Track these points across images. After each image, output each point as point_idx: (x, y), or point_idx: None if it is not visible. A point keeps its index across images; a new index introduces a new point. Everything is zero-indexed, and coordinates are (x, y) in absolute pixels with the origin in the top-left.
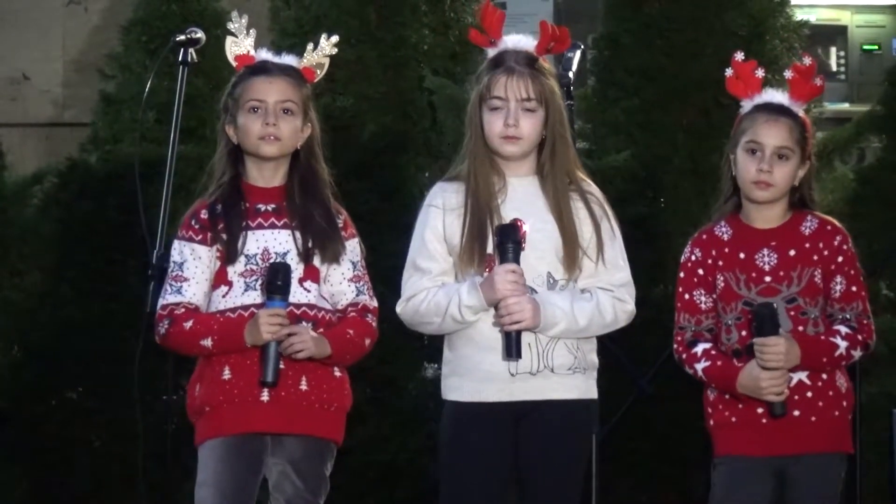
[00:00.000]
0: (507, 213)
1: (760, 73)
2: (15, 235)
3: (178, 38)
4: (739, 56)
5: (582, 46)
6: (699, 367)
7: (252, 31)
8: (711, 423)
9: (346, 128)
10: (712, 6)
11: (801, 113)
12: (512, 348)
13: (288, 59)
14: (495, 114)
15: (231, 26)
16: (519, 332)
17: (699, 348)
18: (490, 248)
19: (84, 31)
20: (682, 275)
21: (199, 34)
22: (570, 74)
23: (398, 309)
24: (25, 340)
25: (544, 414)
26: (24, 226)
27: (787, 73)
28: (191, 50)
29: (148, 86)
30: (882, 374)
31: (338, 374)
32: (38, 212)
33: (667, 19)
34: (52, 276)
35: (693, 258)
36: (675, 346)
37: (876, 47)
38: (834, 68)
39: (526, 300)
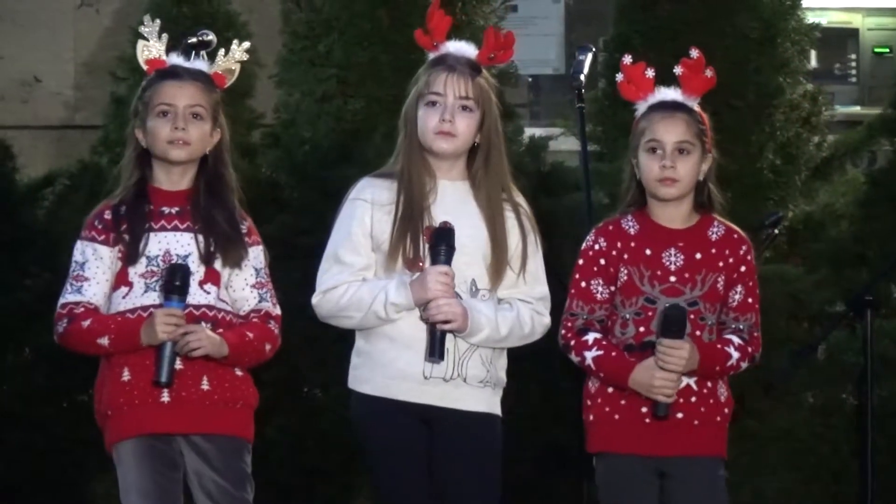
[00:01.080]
0: (437, 215)
1: (651, 73)
2: (26, 237)
3: (189, 41)
4: (627, 59)
5: (593, 49)
6: (589, 355)
7: (164, 36)
8: (591, 417)
9: (357, 130)
10: (723, 9)
11: (695, 107)
12: (436, 348)
13: (198, 65)
14: (431, 109)
15: (143, 30)
16: (444, 334)
17: (590, 336)
18: (419, 250)
19: (95, 33)
20: (581, 262)
21: (211, 37)
22: (582, 77)
23: (314, 300)
24: (36, 342)
25: (451, 423)
26: (35, 228)
27: (677, 70)
28: (202, 52)
29: None
30: (893, 378)
31: (239, 373)
32: (49, 214)
33: (678, 22)
34: (62, 279)
35: (597, 247)
36: (563, 331)
37: (887, 50)
38: (845, 71)
39: (456, 303)
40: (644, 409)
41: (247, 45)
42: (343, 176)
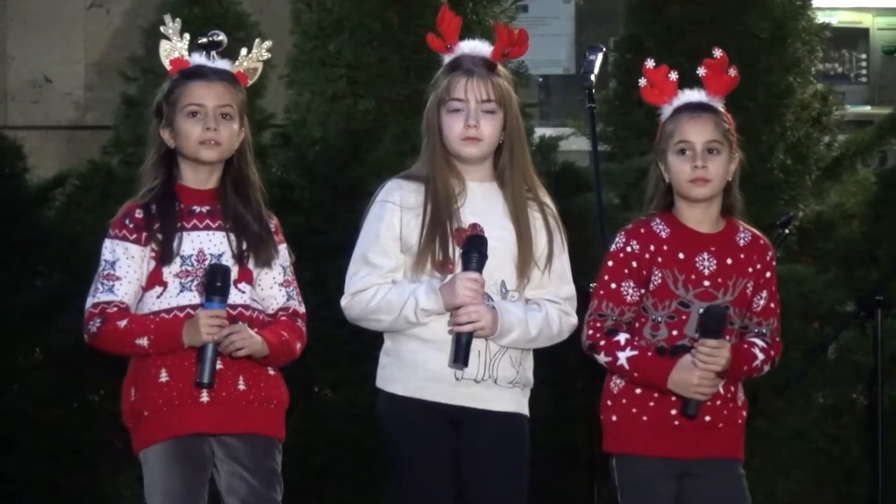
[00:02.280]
0: (466, 218)
1: (674, 76)
2: (36, 238)
3: (200, 41)
4: (650, 63)
5: (603, 49)
6: (623, 355)
7: (185, 35)
8: (614, 417)
9: (367, 131)
10: (734, 9)
11: (720, 107)
12: (460, 355)
13: (222, 64)
14: (455, 116)
15: (164, 30)
16: (470, 340)
17: (621, 337)
18: (448, 252)
19: (106, 33)
20: (610, 263)
21: (221, 37)
22: (592, 77)
23: (343, 302)
24: (47, 343)
25: (482, 424)
26: (45, 228)
27: (700, 70)
28: (213, 52)
29: None
30: None
31: (272, 372)
32: (59, 215)
33: (688, 21)
34: (73, 279)
35: (628, 249)
36: (591, 331)
37: None
38: (855, 71)
39: (485, 309)
40: (673, 412)
41: (269, 43)
42: (353, 176)
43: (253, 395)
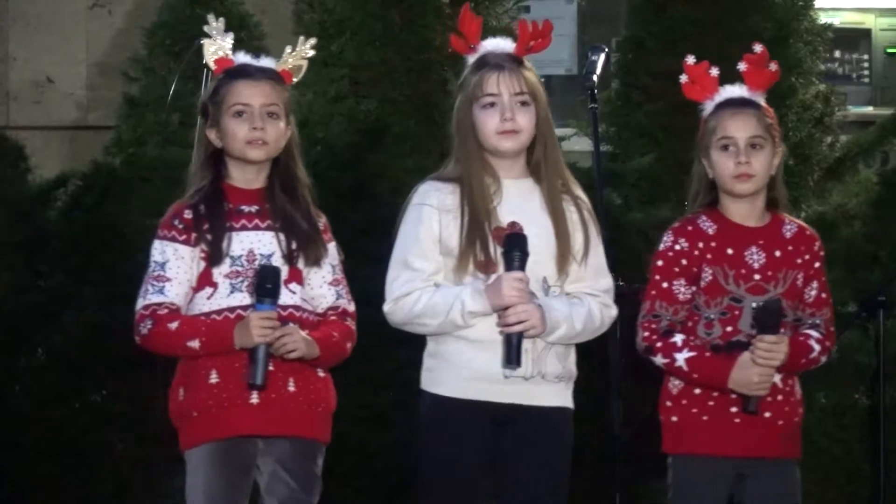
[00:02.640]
0: (504, 216)
1: (714, 72)
2: (38, 238)
3: (201, 41)
4: (690, 59)
5: (606, 49)
6: (681, 357)
7: (229, 34)
8: (674, 418)
9: (369, 130)
10: (736, 9)
11: (762, 102)
12: (512, 355)
13: (266, 62)
14: (489, 111)
15: (208, 30)
16: (521, 340)
17: (677, 338)
18: (489, 252)
19: (108, 33)
20: (660, 263)
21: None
22: (594, 78)
23: (386, 308)
24: (49, 343)
25: (531, 420)
26: (47, 229)
27: (741, 66)
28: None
29: (172, 88)
30: None
31: (322, 374)
32: (61, 215)
33: (690, 22)
34: (75, 279)
35: (677, 247)
36: (646, 332)
37: None
38: (858, 72)
39: (534, 307)
40: (734, 409)
41: (313, 41)
42: (356, 176)
43: (302, 398)
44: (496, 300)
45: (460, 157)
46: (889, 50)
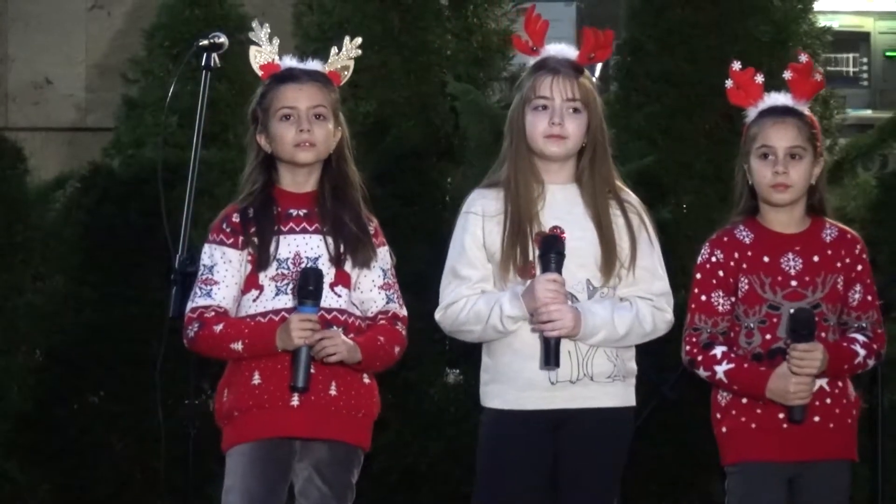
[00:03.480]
0: (547, 220)
1: (760, 79)
2: (37, 240)
3: (200, 43)
4: (736, 65)
5: None
6: (721, 369)
7: (275, 40)
8: (724, 429)
9: (368, 133)
10: (735, 12)
11: (806, 111)
12: (550, 356)
13: (313, 65)
14: (540, 114)
15: (253, 35)
16: (558, 340)
17: (717, 351)
18: (530, 255)
19: (107, 35)
20: (698, 276)
21: (222, 38)
22: (593, 80)
23: (437, 316)
24: (48, 344)
25: (584, 422)
26: (46, 230)
27: (787, 74)
28: (214, 54)
29: (171, 90)
30: None
31: (367, 380)
32: (60, 216)
33: (689, 25)
34: (74, 281)
35: (714, 259)
36: (688, 346)
37: None
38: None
39: (567, 308)
40: (781, 416)
41: (359, 40)
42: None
43: (343, 402)
44: (531, 303)
45: (508, 157)
46: (888, 53)
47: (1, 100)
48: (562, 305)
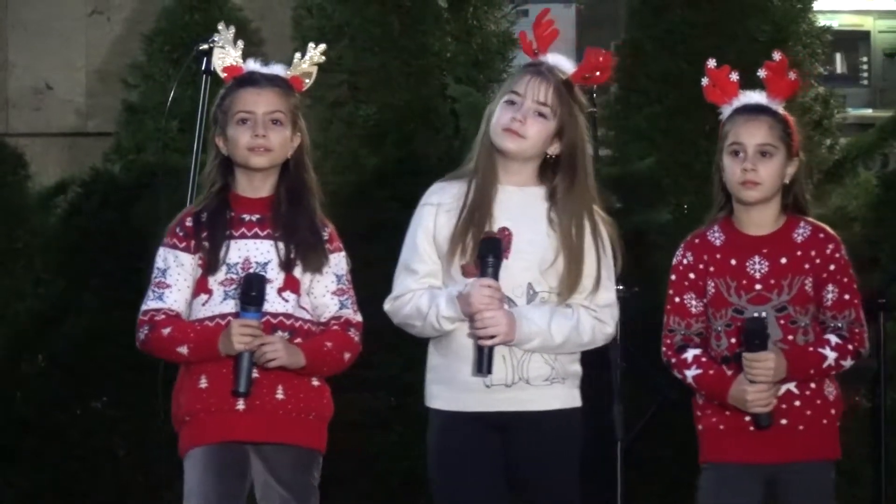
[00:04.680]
0: (499, 219)
1: (735, 76)
2: (38, 245)
3: (200, 48)
4: (711, 63)
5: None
6: (689, 373)
7: (239, 43)
8: (700, 427)
9: (368, 136)
10: (735, 12)
11: (780, 110)
12: (483, 364)
13: (276, 69)
14: (507, 108)
15: (217, 38)
16: (492, 348)
17: (689, 354)
18: (471, 253)
19: (107, 40)
20: (673, 277)
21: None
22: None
23: (386, 306)
24: (49, 349)
25: (526, 426)
26: (47, 235)
27: (761, 73)
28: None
29: (171, 95)
30: None
31: (316, 383)
32: (61, 221)
33: (689, 25)
34: (75, 286)
35: (685, 262)
36: (664, 349)
37: None
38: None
39: (502, 314)
40: (748, 419)
41: (323, 47)
42: (354, 182)
43: (291, 406)
44: (466, 307)
45: (477, 149)
46: (888, 52)
47: (1, 105)
48: (496, 312)
